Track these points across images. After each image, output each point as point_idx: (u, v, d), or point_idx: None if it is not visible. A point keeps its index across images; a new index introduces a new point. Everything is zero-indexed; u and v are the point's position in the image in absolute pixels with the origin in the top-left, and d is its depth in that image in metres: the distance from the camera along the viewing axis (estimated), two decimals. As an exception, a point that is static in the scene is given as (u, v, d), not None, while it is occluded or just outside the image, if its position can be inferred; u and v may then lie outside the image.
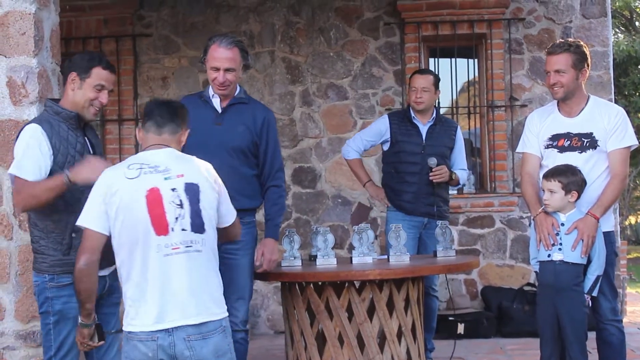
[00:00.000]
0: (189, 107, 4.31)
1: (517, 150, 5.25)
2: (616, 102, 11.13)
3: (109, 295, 4.18)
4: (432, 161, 6.13)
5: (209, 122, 4.86)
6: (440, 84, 6.48)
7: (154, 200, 3.51)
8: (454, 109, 8.59)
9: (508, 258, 8.21)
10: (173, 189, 3.55)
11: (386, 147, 6.41)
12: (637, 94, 18.22)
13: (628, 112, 17.88)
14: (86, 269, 3.56)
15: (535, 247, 4.91)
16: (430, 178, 6.14)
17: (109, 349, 4.19)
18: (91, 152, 4.16)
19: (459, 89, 8.62)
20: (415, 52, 8.30)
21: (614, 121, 4.87)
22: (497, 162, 8.23)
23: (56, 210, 4.01)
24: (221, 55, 4.82)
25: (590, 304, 4.81)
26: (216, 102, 4.95)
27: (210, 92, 4.97)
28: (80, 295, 3.63)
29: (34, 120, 4.13)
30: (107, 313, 4.18)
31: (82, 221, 3.59)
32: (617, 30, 22.66)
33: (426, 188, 6.21)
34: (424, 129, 6.29)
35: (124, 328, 3.58)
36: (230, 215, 3.83)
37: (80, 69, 4.10)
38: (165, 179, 3.56)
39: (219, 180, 3.76)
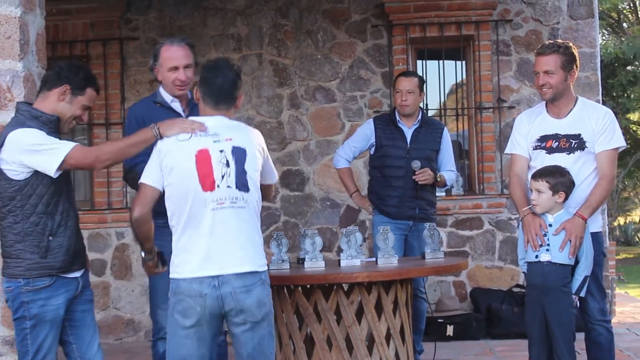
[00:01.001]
0: (147, 114, 4.56)
1: (506, 151, 5.26)
2: (604, 103, 11.15)
3: (81, 294, 4.25)
4: (416, 164, 6.14)
5: None
6: (428, 86, 6.52)
7: (202, 159, 3.88)
8: (442, 111, 8.60)
9: (497, 259, 8.23)
10: (221, 150, 3.90)
11: (372, 151, 6.42)
12: (625, 95, 18.31)
13: (616, 114, 17.97)
14: (140, 219, 3.93)
15: (523, 248, 4.92)
16: (414, 178, 6.15)
17: (89, 345, 4.27)
18: None
19: (446, 91, 8.63)
20: (403, 54, 8.31)
21: (602, 122, 4.88)
22: (486, 163, 8.25)
23: (35, 213, 4.04)
24: (177, 53, 4.81)
25: (579, 305, 4.82)
26: (177, 106, 4.91)
27: (166, 96, 4.92)
28: (139, 239, 4.03)
29: (12, 123, 4.12)
30: (83, 311, 4.27)
31: (143, 178, 3.97)
32: (605, 31, 22.75)
33: (410, 192, 6.22)
34: (408, 133, 6.30)
35: (170, 276, 3.93)
36: (272, 176, 4.24)
37: (75, 85, 4.16)
38: (215, 142, 3.91)
39: (265, 147, 4.12)
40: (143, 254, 4.15)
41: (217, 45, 8.38)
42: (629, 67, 18.65)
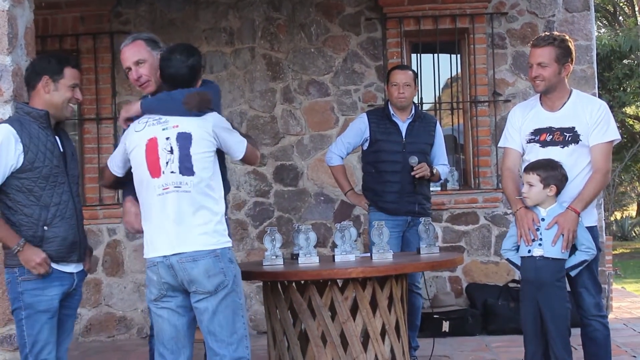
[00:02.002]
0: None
1: (499, 145, 5.26)
2: (600, 96, 11.15)
3: (72, 295, 4.33)
4: (413, 159, 6.13)
5: None
6: (423, 80, 6.50)
7: (151, 147, 4.15)
8: (437, 105, 8.59)
9: (493, 255, 8.22)
10: (167, 138, 4.14)
11: (365, 146, 6.39)
12: (621, 88, 18.31)
13: (612, 107, 18.05)
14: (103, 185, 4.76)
15: (511, 239, 4.92)
16: (413, 174, 6.14)
17: (60, 347, 4.30)
18: (62, 150, 4.27)
19: (441, 84, 8.61)
20: (397, 47, 8.30)
21: (597, 115, 4.87)
22: (481, 157, 8.24)
23: (28, 205, 4.14)
24: (125, 54, 4.66)
25: (571, 300, 4.82)
26: None
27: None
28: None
29: (5, 121, 4.25)
30: (66, 315, 4.33)
31: (108, 161, 4.44)
32: (600, 24, 22.76)
33: (408, 187, 6.21)
34: (403, 127, 6.29)
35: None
36: (239, 150, 4.34)
37: (52, 72, 4.24)
38: (163, 129, 4.16)
39: (219, 128, 4.24)
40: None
41: (208, 39, 8.35)
42: (625, 61, 18.65)
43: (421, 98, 8.12)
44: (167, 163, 4.14)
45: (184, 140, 4.14)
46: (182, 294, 4.17)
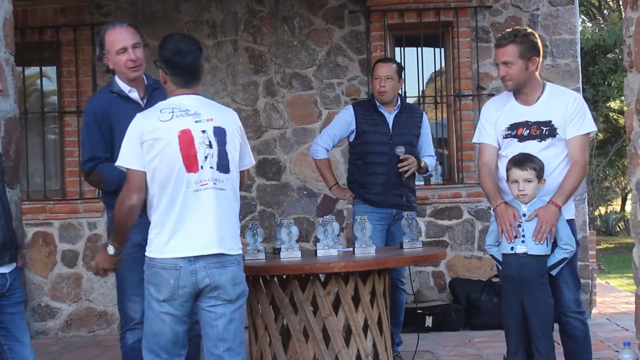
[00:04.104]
0: (106, 107, 4.60)
1: (473, 140, 5.25)
2: (584, 91, 11.20)
3: (10, 294, 4.20)
4: (400, 149, 6.14)
5: (132, 116, 4.43)
6: (407, 73, 6.49)
7: (185, 140, 3.92)
8: (421, 99, 8.60)
9: (476, 249, 8.24)
10: (203, 131, 3.96)
11: (352, 138, 6.39)
12: (606, 83, 18.37)
13: (596, 102, 18.08)
14: (136, 207, 3.99)
15: (492, 235, 4.92)
16: (400, 171, 6.15)
17: (22, 346, 4.26)
18: None
19: (425, 78, 8.62)
20: (381, 40, 8.30)
21: (572, 108, 4.88)
22: (465, 152, 8.26)
23: None
24: (122, 34, 4.68)
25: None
26: (135, 96, 4.78)
27: (123, 86, 4.78)
28: (121, 227, 4.07)
29: None
30: (13, 313, 4.23)
31: (125, 163, 3.98)
32: (585, 18, 22.83)
33: (395, 179, 6.21)
34: (390, 118, 6.29)
35: (147, 254, 4.01)
36: (248, 159, 4.23)
37: None
38: (196, 122, 3.97)
39: (242, 127, 4.17)
40: (112, 250, 4.17)
41: (190, 32, 8.31)
42: (609, 55, 18.72)
43: (405, 92, 8.13)
44: (206, 158, 3.94)
45: (220, 135, 4.00)
46: (191, 301, 4.00)
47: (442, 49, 8.59)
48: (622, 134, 20.49)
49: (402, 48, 8.42)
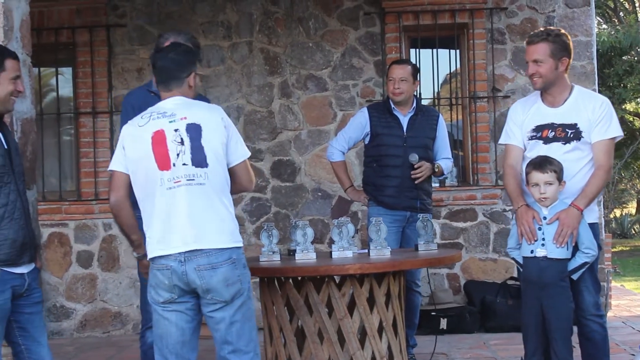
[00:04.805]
0: (143, 103, 4.70)
1: (500, 141, 5.24)
2: (600, 93, 11.15)
3: (28, 294, 4.21)
4: (414, 157, 6.12)
5: None
6: (422, 75, 6.48)
7: (158, 140, 3.99)
8: (436, 101, 8.59)
9: (491, 252, 8.23)
10: (176, 130, 4.00)
11: (367, 140, 6.39)
12: (622, 85, 18.31)
13: (612, 104, 17.97)
14: (116, 205, 4.10)
15: (514, 238, 4.90)
16: (412, 177, 6.14)
17: (39, 346, 4.25)
18: (6, 147, 4.12)
19: (440, 80, 8.62)
20: (396, 42, 8.30)
21: (599, 112, 4.86)
22: (480, 154, 8.24)
23: None
24: None
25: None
26: None
27: None
28: (122, 229, 4.21)
29: None
30: (31, 313, 4.23)
31: (110, 166, 4.14)
32: (601, 20, 22.75)
33: (409, 181, 6.20)
34: (404, 120, 6.28)
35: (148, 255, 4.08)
36: (240, 152, 4.15)
37: None
38: (170, 122, 4.03)
39: (228, 121, 4.13)
40: (135, 254, 4.31)
41: (206, 33, 8.35)
42: (625, 57, 18.65)
43: (420, 93, 8.12)
44: (177, 155, 3.97)
45: (194, 131, 4.01)
46: (193, 298, 4.01)
47: (457, 51, 8.58)
48: (638, 136, 20.43)
49: (417, 50, 8.42)
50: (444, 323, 7.61)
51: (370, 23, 8.40)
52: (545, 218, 4.74)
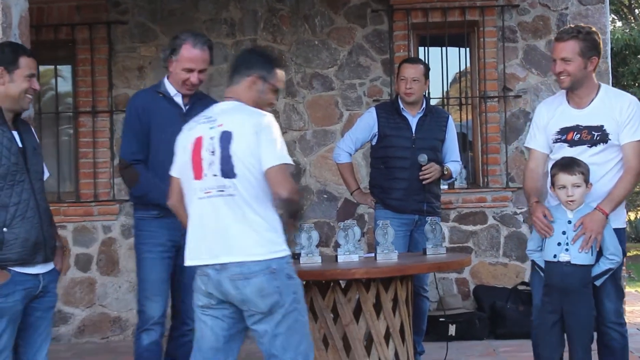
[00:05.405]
0: (149, 104, 4.95)
1: (525, 144, 5.26)
2: (614, 92, 11.13)
3: (43, 296, 4.22)
4: (422, 158, 6.10)
5: (175, 119, 4.90)
6: (431, 74, 6.46)
7: (197, 148, 4.01)
8: (445, 100, 8.58)
9: (501, 256, 8.22)
10: (211, 137, 3.98)
11: (374, 141, 6.38)
12: (636, 84, 18.26)
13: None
14: (172, 209, 4.23)
15: (535, 239, 4.88)
16: (420, 178, 6.13)
17: (38, 351, 4.25)
18: (20, 145, 4.14)
19: (449, 79, 8.60)
20: (405, 40, 8.29)
21: (627, 112, 4.81)
22: (490, 155, 8.23)
23: None
24: (198, 57, 5.03)
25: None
26: (179, 100, 5.12)
27: (170, 89, 5.12)
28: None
29: None
30: (39, 317, 4.24)
31: (170, 170, 4.19)
32: (615, 17, 22.71)
33: (417, 184, 6.19)
34: (413, 121, 6.28)
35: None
36: (266, 160, 3.96)
37: (7, 62, 4.13)
38: (210, 128, 4.01)
39: (265, 126, 3.99)
40: None
41: (209, 31, 8.33)
42: (639, 56, 18.61)
43: (428, 93, 8.10)
44: (209, 165, 3.95)
45: (225, 140, 3.94)
46: (232, 306, 3.99)
47: (467, 49, 8.56)
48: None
49: (426, 48, 8.41)
50: (452, 329, 7.59)
51: (377, 20, 8.39)
52: (570, 222, 4.71)
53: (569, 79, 4.83)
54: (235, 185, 3.92)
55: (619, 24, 22.85)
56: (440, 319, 7.58)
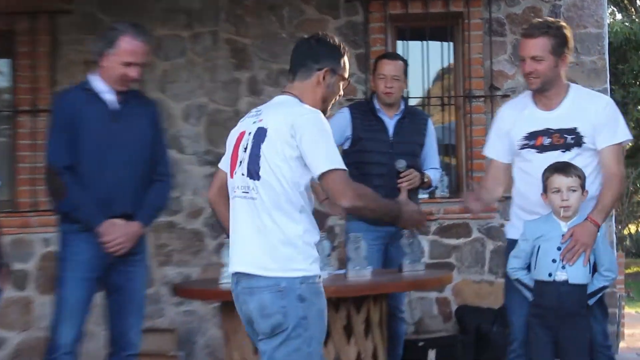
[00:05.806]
0: (75, 104, 5.01)
1: (484, 152, 5.26)
2: (613, 92, 11.21)
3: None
4: (401, 164, 6.09)
5: (107, 119, 5.06)
6: (410, 70, 6.47)
7: (237, 143, 4.02)
8: (426, 100, 8.60)
9: (487, 273, 8.23)
10: (250, 133, 3.97)
11: (347, 145, 6.36)
12: (637, 83, 18.38)
13: (627, 104, 18.09)
14: (210, 203, 4.34)
15: (522, 256, 4.84)
16: (399, 185, 6.11)
17: None
18: None
19: (431, 76, 8.64)
20: (381, 33, 8.30)
21: (604, 114, 4.85)
22: (475, 160, 8.24)
23: None
24: (139, 49, 5.13)
25: None
26: (110, 98, 5.15)
27: (100, 86, 5.15)
28: (220, 223, 4.30)
29: None
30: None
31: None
32: (614, 9, 22.88)
33: (394, 193, 6.16)
34: (390, 124, 6.28)
35: None
36: (314, 167, 3.84)
37: None
38: (253, 123, 3.99)
39: (305, 127, 3.83)
40: None
41: (165, 21, 8.31)
42: (641, 51, 18.75)
43: (407, 92, 8.11)
44: (240, 163, 3.94)
45: (259, 136, 3.89)
46: (250, 325, 4.02)
47: (451, 44, 8.60)
48: (657, 142, 20.53)
49: (405, 42, 8.42)
50: (432, 355, 7.59)
51: (352, 11, 8.40)
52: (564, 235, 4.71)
53: (539, 80, 4.86)
54: (258, 188, 3.87)
55: (618, 16, 23.03)
56: (419, 344, 7.58)
